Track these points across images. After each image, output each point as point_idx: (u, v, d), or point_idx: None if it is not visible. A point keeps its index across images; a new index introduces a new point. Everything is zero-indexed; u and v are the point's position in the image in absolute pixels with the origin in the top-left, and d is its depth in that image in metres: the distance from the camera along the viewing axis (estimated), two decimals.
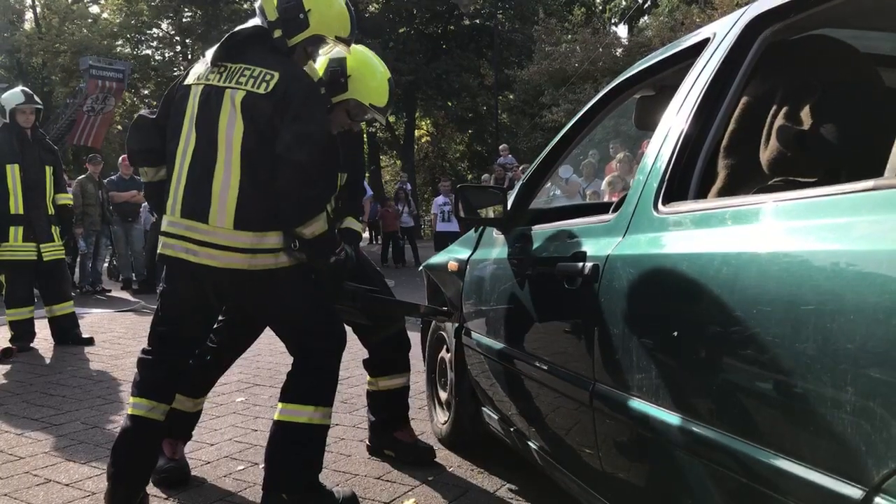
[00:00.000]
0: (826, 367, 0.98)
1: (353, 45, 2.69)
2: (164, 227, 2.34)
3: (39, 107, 5.41)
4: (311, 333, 2.39)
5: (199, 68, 2.39)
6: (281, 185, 2.23)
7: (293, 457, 2.32)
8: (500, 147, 14.05)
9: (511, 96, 24.22)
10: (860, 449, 0.92)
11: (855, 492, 0.92)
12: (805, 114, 1.46)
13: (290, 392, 2.37)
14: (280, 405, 2.37)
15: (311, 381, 2.37)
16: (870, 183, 1.02)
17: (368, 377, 3.01)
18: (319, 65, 2.62)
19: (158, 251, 2.37)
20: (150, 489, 2.46)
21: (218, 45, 2.35)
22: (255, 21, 2.41)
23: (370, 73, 2.66)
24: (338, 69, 2.61)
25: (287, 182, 2.22)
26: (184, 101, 2.34)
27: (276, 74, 2.24)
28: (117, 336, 5.95)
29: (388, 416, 2.96)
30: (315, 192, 2.29)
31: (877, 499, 0.89)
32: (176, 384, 2.49)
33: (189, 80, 2.38)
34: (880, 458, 0.89)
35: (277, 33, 2.35)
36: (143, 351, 2.45)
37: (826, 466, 0.98)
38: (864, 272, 0.96)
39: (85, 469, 2.78)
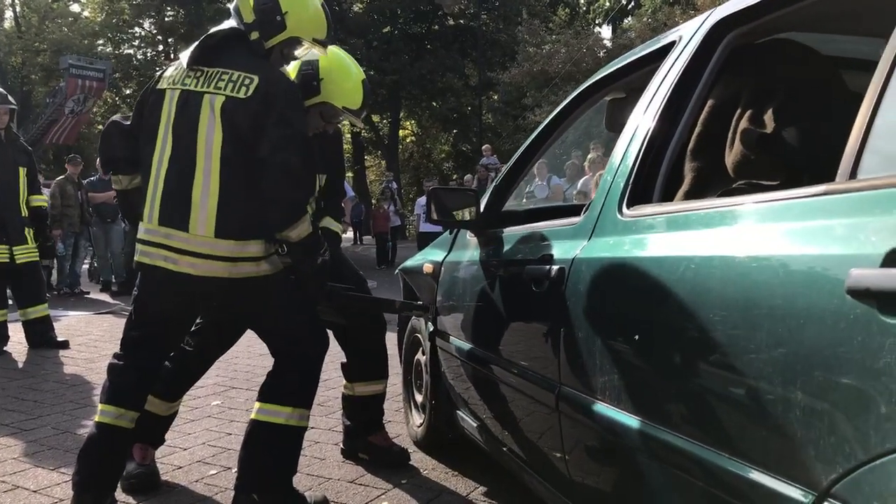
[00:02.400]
0: (777, 370, 0.98)
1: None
2: (140, 235, 2.30)
3: (13, 107, 5.33)
4: (294, 337, 2.37)
5: (172, 72, 2.33)
6: (267, 190, 2.18)
7: (267, 457, 2.30)
8: (483, 147, 14.03)
9: (495, 97, 24.23)
10: (809, 453, 0.92)
11: (805, 496, 0.92)
12: (768, 117, 1.47)
13: (270, 392, 2.34)
14: (258, 404, 2.34)
15: (291, 383, 2.35)
16: (822, 188, 1.02)
17: (345, 381, 2.99)
18: (292, 68, 2.57)
19: (135, 259, 2.32)
20: (119, 495, 2.43)
21: (193, 47, 2.29)
22: (231, 23, 2.35)
23: (344, 76, 2.61)
24: (310, 72, 2.56)
25: (273, 186, 2.18)
26: (157, 106, 2.29)
27: (256, 78, 2.20)
28: (94, 339, 5.88)
29: (363, 420, 2.94)
30: (301, 194, 2.27)
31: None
32: (146, 391, 2.45)
33: (162, 85, 2.32)
34: (828, 462, 0.89)
35: (254, 35, 2.30)
36: (115, 356, 2.41)
37: (778, 471, 0.98)
38: (814, 276, 0.96)
39: (53, 475, 2.74)
